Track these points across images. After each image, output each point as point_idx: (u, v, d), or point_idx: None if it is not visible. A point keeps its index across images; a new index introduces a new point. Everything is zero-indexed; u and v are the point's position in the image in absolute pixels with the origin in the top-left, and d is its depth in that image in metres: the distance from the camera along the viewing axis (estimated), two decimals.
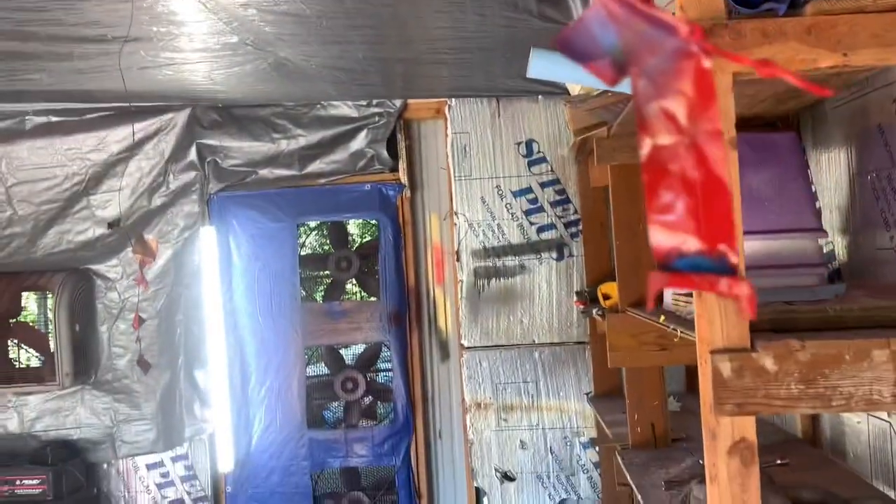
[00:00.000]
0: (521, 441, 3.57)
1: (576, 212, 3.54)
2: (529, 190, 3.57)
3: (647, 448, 2.32)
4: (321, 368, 3.87)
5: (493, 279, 3.57)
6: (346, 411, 3.73)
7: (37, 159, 3.67)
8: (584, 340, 3.52)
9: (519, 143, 3.58)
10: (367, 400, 3.78)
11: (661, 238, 0.44)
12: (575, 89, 2.41)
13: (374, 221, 3.93)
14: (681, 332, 1.58)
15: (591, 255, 3.41)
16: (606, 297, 2.62)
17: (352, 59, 2.69)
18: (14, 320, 3.56)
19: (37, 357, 3.58)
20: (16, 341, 3.55)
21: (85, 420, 3.64)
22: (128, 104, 3.58)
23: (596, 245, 3.39)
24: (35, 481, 3.38)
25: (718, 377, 1.15)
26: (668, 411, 2.42)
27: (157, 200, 3.68)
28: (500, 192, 3.58)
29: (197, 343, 3.66)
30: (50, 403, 3.64)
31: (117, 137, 3.66)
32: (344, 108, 3.65)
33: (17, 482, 3.38)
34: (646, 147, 0.45)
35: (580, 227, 3.51)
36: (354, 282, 3.90)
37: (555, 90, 3.24)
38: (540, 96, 3.52)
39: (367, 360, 3.79)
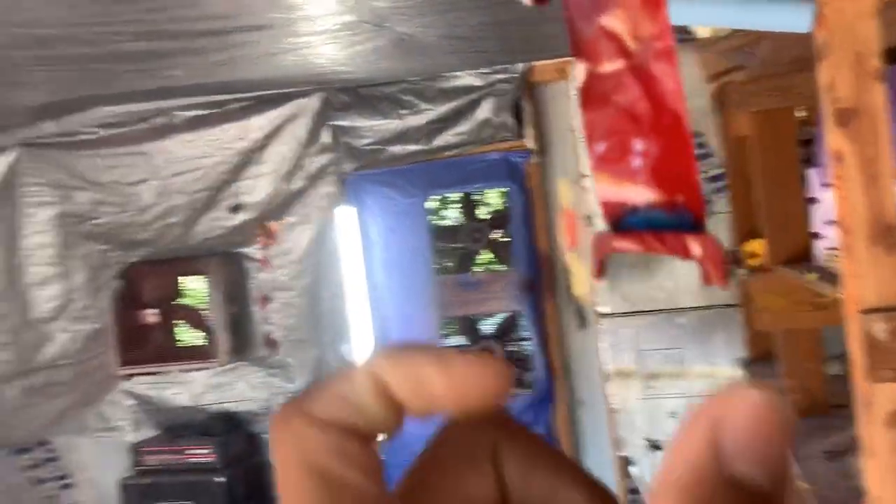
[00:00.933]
0: (669, 410, 3.43)
1: (719, 165, 3.32)
2: None
3: (804, 415, 2.15)
4: (459, 340, 3.91)
5: None
6: None
7: (187, 152, 3.92)
8: (733, 303, 3.31)
9: None
10: None
11: (608, 190, 0.35)
12: (702, 32, 2.23)
13: (503, 190, 3.88)
14: (832, 290, 1.43)
15: (738, 210, 3.18)
16: (752, 255, 2.44)
17: (466, 26, 2.64)
18: (176, 303, 3.85)
19: (198, 337, 3.86)
20: (179, 322, 3.84)
21: (245, 394, 3.89)
22: (264, 92, 3.75)
23: (742, 200, 3.15)
24: (204, 450, 3.66)
25: (871, 340, 1.02)
26: (829, 375, 2.22)
27: (296, 184, 3.82)
28: None
29: (342, 318, 3.80)
30: (213, 379, 3.92)
31: (256, 126, 3.84)
32: (467, 79, 3.61)
33: (189, 451, 3.67)
34: (582, 76, 0.36)
35: (724, 182, 3.28)
36: (486, 252, 3.88)
37: (678, 35, 3.03)
38: None
39: (504, 330, 3.78)
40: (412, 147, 3.69)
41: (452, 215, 4.05)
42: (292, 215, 3.82)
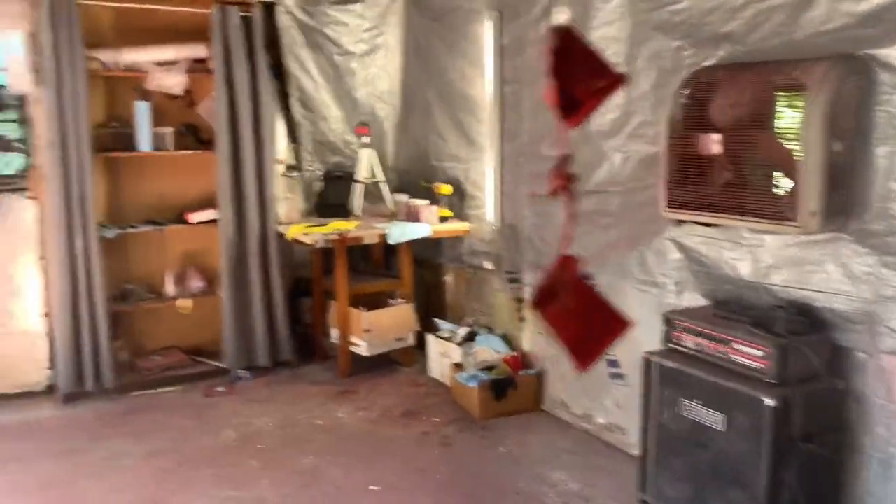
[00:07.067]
0: None
1: None
2: None
3: None
4: None
5: None
6: None
7: None
8: None
9: None
10: None
11: None
12: None
13: None
14: None
15: None
16: None
17: None
18: (756, 129, 2.57)
19: (774, 183, 2.54)
20: (746, 157, 2.58)
21: (835, 283, 2.49)
22: None
23: None
24: (754, 352, 2.49)
25: None
26: None
27: None
28: None
29: None
30: (791, 250, 2.62)
31: None
32: None
33: (735, 346, 2.56)
34: None
35: None
36: None
37: None
38: None
39: None
40: None
41: None
42: None
